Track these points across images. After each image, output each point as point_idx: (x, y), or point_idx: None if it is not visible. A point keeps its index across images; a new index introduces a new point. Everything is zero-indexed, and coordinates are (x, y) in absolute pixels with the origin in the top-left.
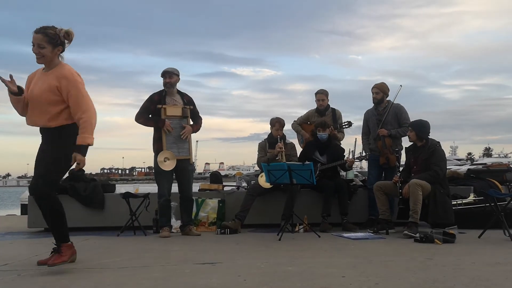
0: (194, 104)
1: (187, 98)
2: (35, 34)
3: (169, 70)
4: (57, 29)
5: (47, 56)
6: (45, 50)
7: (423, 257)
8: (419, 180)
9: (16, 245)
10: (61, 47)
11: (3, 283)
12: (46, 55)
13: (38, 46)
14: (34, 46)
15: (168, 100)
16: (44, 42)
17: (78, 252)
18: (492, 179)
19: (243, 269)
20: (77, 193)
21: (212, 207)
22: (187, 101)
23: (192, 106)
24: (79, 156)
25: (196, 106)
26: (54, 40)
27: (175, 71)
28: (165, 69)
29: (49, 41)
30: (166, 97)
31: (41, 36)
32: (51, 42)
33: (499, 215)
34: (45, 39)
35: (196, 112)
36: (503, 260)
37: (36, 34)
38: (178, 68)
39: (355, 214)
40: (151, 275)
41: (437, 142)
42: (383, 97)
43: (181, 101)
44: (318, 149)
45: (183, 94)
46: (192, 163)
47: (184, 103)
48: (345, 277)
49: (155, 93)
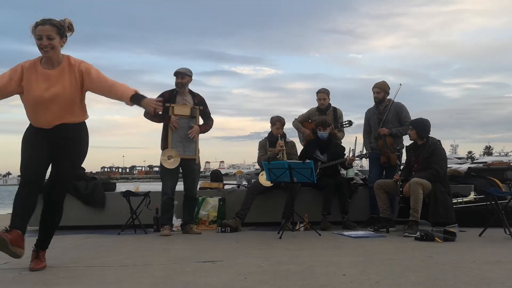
0: (205, 104)
1: (199, 98)
2: (42, 26)
3: (181, 71)
4: (61, 20)
5: (56, 47)
6: (55, 41)
7: (423, 255)
8: (419, 178)
9: None
10: (66, 38)
11: (4, 282)
12: (55, 46)
13: (47, 37)
14: (42, 39)
15: (178, 99)
16: (53, 33)
17: (79, 250)
18: (493, 178)
19: (243, 267)
20: (77, 192)
21: (212, 206)
22: (198, 101)
23: (202, 106)
24: (147, 99)
25: (207, 107)
26: (61, 31)
27: (188, 72)
28: (178, 69)
29: (57, 31)
30: (177, 96)
31: (49, 27)
32: (59, 33)
33: (500, 214)
34: (54, 30)
35: (207, 112)
36: (504, 258)
37: (43, 26)
38: (178, 67)
39: (356, 212)
40: (152, 273)
41: (437, 140)
42: (384, 96)
43: (192, 101)
44: (318, 148)
45: (194, 94)
46: (198, 162)
47: (195, 103)
48: (345, 275)
49: (166, 91)
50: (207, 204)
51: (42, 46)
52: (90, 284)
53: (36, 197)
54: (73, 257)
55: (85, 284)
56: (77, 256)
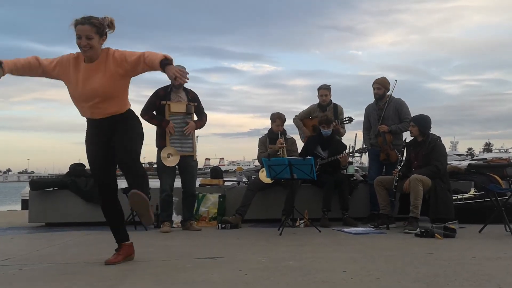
0: (199, 100)
1: (192, 95)
2: (81, 26)
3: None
4: (101, 18)
5: (95, 47)
6: (94, 40)
7: (424, 251)
8: (419, 175)
9: (17, 240)
10: (105, 36)
11: (4, 278)
12: (94, 46)
13: (86, 37)
14: (81, 38)
15: (173, 96)
16: (92, 33)
17: (79, 247)
18: (493, 174)
19: (244, 263)
20: (78, 189)
21: (212, 202)
22: (191, 97)
23: (196, 103)
24: (171, 66)
25: (201, 103)
26: (100, 30)
27: None
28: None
29: (96, 31)
30: (171, 93)
31: (89, 27)
32: (98, 32)
33: (500, 210)
34: (93, 30)
35: (201, 108)
36: (504, 254)
37: (82, 25)
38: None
39: (356, 209)
40: (153, 269)
41: (437, 137)
42: (384, 92)
43: (186, 98)
44: (320, 144)
45: (188, 90)
46: (195, 159)
47: (189, 99)
48: (346, 271)
49: (161, 88)
50: (207, 201)
51: (81, 46)
52: (90, 281)
53: None
54: (73, 253)
55: (85, 280)
56: (77, 252)
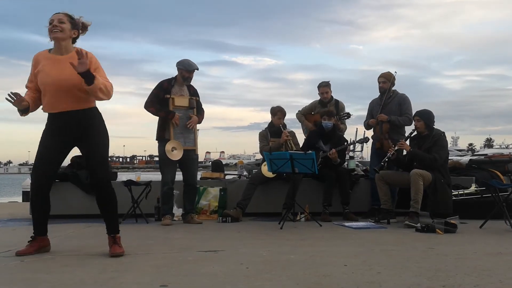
0: (198, 95)
1: (193, 89)
2: (56, 14)
3: (196, 67)
4: (77, 18)
5: (65, 31)
6: (65, 25)
7: (424, 246)
8: (420, 170)
9: (18, 231)
10: (77, 31)
11: (6, 269)
12: (65, 30)
13: (58, 20)
14: (52, 23)
15: (176, 89)
16: (64, 18)
17: (80, 239)
18: (494, 170)
19: (245, 257)
20: (79, 181)
21: (213, 196)
22: (192, 92)
23: (197, 97)
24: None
25: (199, 97)
26: (73, 21)
27: None
28: (194, 66)
29: (69, 20)
30: (174, 86)
31: (62, 14)
32: (70, 22)
33: (501, 206)
34: (67, 18)
35: (200, 103)
36: (505, 250)
37: (56, 13)
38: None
39: (357, 203)
40: (154, 262)
41: (442, 132)
42: (389, 86)
43: (187, 92)
44: (321, 138)
45: (189, 85)
46: (196, 153)
47: (190, 93)
48: (347, 265)
49: (164, 80)
50: (208, 194)
51: (52, 25)
52: (92, 273)
53: None
54: (74, 245)
55: (87, 272)
56: (78, 244)
